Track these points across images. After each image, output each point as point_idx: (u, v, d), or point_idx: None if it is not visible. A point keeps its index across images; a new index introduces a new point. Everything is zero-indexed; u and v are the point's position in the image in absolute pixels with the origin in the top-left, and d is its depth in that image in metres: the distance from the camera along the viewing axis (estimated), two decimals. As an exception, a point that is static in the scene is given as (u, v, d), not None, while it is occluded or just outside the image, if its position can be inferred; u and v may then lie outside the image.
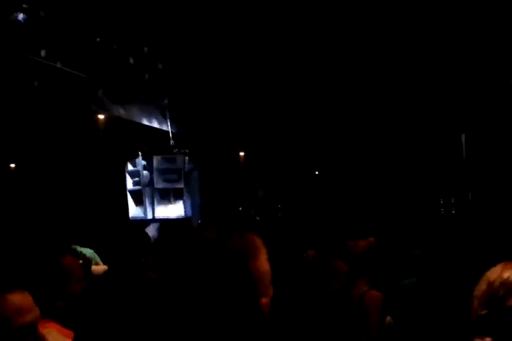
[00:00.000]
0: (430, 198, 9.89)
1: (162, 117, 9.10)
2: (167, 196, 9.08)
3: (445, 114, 9.02)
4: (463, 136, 9.16)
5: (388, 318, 3.09)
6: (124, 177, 9.12)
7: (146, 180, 9.11)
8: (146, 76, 8.62)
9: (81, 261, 4.14)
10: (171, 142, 8.98)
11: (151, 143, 9.10)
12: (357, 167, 10.20)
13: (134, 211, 9.12)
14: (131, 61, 8.21)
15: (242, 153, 10.38)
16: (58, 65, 6.93)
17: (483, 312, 1.02)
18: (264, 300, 1.18)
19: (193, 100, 9.08)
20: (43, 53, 6.60)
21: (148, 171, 9.16)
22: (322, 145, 9.79)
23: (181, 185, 8.94)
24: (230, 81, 8.61)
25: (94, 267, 4.32)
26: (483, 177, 8.47)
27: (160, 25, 7.65)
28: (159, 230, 8.22)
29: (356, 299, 3.06)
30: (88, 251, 5.03)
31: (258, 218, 9.04)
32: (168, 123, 9.04)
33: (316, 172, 9.71)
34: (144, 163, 9.15)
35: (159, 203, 9.10)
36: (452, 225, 5.76)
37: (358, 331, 2.96)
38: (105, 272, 4.21)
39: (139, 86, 8.58)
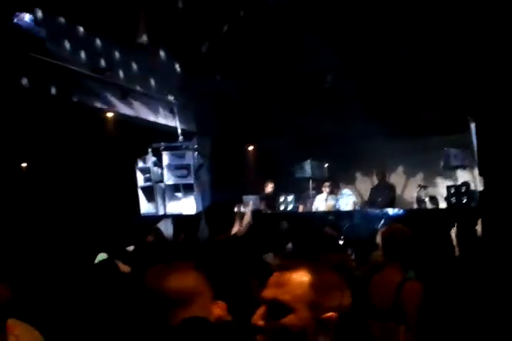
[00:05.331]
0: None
1: (170, 113, 9.15)
2: (178, 191, 9.16)
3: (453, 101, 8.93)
4: (472, 125, 9.07)
5: None
6: (135, 174, 9.21)
7: (157, 176, 9.19)
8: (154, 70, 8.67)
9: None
10: (180, 138, 9.03)
11: (160, 139, 9.15)
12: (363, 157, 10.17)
13: (145, 207, 9.22)
14: (138, 56, 8.25)
15: (251, 147, 10.38)
16: (68, 65, 7.00)
17: None
18: None
19: (200, 95, 9.10)
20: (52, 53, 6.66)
21: (159, 167, 9.24)
22: (330, 138, 9.75)
23: (191, 181, 9.00)
24: (236, 75, 8.61)
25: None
26: (496, 166, 8.38)
27: (164, 19, 7.68)
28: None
29: (393, 288, 3.01)
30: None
31: (269, 212, 9.06)
32: (177, 119, 9.10)
33: (326, 165, 9.70)
34: (154, 159, 9.23)
35: (171, 199, 9.18)
36: (462, 216, 5.75)
37: (396, 320, 2.93)
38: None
39: (146, 80, 8.62)
